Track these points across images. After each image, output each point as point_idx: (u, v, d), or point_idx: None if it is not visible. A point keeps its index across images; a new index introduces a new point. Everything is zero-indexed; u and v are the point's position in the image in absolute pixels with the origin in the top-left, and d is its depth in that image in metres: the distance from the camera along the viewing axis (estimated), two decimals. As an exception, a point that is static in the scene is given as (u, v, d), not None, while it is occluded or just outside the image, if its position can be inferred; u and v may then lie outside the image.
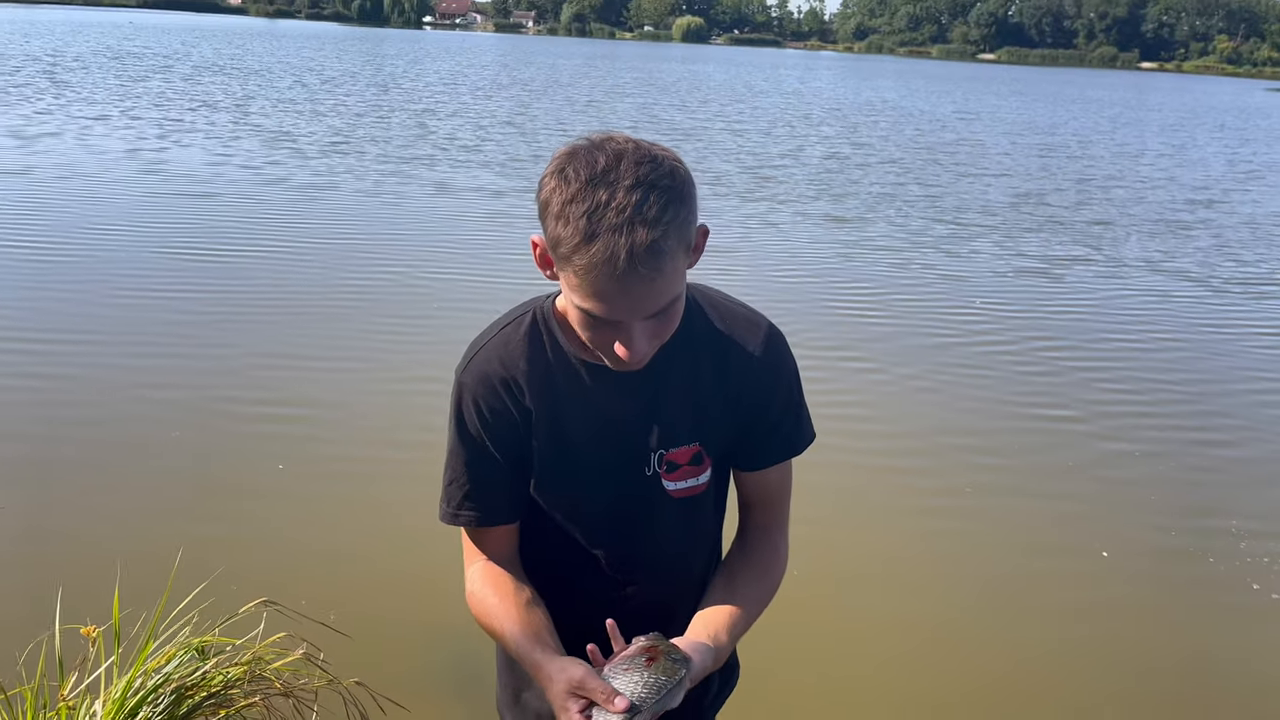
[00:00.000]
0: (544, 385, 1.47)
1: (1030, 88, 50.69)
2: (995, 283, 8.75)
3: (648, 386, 1.47)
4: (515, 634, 1.44)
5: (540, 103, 24.61)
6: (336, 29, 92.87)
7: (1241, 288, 9.16)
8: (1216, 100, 48.84)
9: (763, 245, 9.69)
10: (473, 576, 1.53)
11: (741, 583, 1.54)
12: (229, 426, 4.84)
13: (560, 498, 1.52)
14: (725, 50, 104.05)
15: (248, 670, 2.52)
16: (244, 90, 22.50)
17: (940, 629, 3.63)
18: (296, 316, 6.59)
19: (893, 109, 29.86)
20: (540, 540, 1.56)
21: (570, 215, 1.24)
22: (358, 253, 8.41)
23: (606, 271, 1.23)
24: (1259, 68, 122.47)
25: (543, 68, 42.71)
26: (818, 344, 6.68)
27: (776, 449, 1.55)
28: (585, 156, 1.27)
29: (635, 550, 1.55)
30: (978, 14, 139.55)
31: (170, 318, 6.36)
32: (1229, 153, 22.26)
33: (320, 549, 3.85)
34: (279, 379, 5.49)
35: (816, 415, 1.62)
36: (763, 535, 1.59)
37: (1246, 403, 6.16)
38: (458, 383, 1.49)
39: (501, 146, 15.80)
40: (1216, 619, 3.79)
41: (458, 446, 1.50)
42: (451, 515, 1.52)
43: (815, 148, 18.32)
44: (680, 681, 1.35)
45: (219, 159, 12.70)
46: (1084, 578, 4.03)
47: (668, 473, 1.50)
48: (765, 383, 1.51)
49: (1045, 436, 5.41)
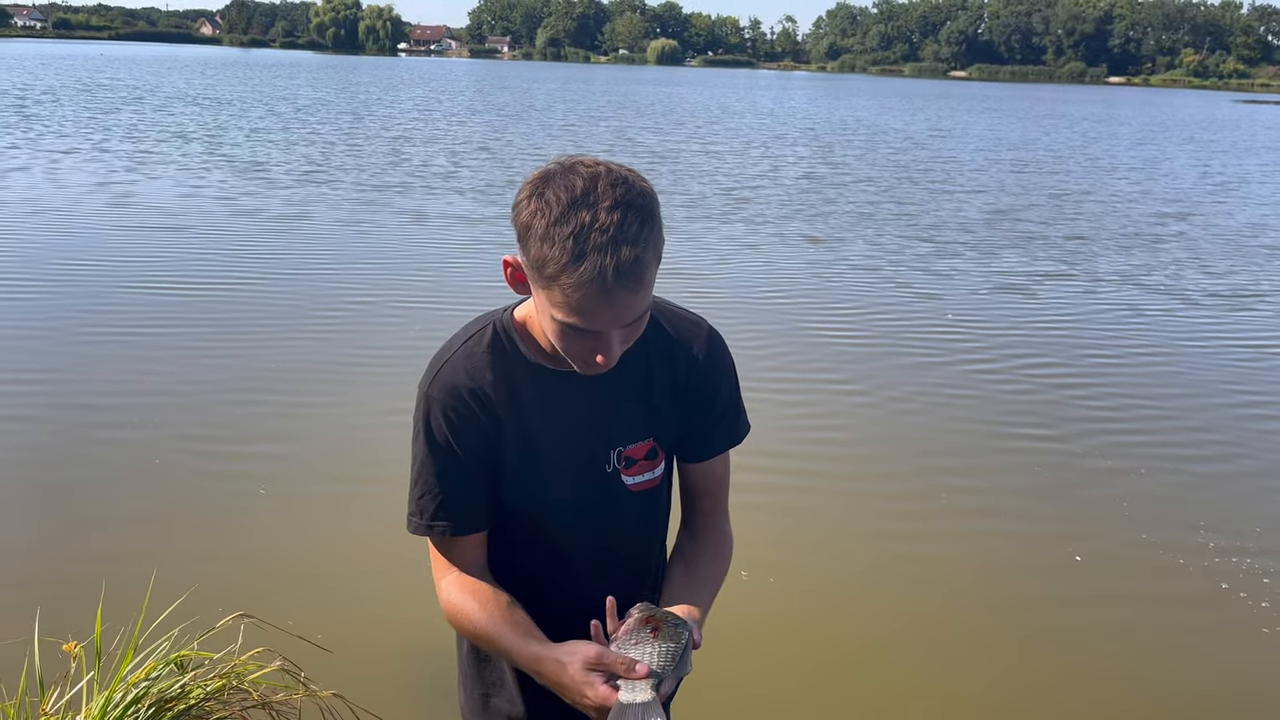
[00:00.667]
0: (509, 393, 1.52)
1: (1002, 104, 51.22)
2: (972, 300, 8.74)
3: (605, 388, 1.54)
4: (505, 634, 1.48)
5: (515, 128, 24.64)
6: (311, 57, 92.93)
7: (1215, 299, 9.18)
8: (1184, 114, 49.45)
9: (740, 267, 9.65)
10: (448, 587, 1.56)
11: (699, 567, 1.63)
12: (199, 464, 4.77)
13: (526, 500, 1.57)
14: (699, 72, 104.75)
15: (226, 683, 2.56)
16: (216, 121, 22.43)
17: (916, 647, 3.61)
18: (271, 349, 6.48)
19: (867, 127, 30.05)
20: (507, 544, 1.61)
21: (556, 237, 1.30)
22: (333, 283, 8.31)
23: (596, 288, 1.31)
24: (1225, 80, 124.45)
25: (517, 92, 42.81)
26: (795, 364, 6.64)
27: (721, 439, 1.65)
28: (561, 180, 1.33)
29: (599, 545, 1.62)
30: (948, 32, 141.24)
31: (139, 354, 6.24)
32: (1200, 165, 22.43)
33: (298, 566, 3.89)
34: (251, 414, 5.40)
35: (797, 438, 1.59)
36: (711, 522, 1.68)
37: (1225, 416, 6.15)
38: (425, 396, 1.53)
39: (476, 173, 15.76)
40: (1199, 634, 3.79)
41: (427, 458, 1.53)
42: (426, 527, 1.55)
43: (791, 168, 18.38)
44: (687, 645, 1.40)
45: (190, 191, 12.59)
46: (1064, 592, 4.02)
47: (626, 468, 1.59)
48: (710, 379, 1.62)
49: (1023, 456, 5.38)
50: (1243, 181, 19.60)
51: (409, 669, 3.29)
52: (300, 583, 3.76)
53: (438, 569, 1.58)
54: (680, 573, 1.62)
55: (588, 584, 1.61)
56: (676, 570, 1.63)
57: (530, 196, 1.34)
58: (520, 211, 1.35)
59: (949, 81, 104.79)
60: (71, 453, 4.82)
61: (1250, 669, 3.58)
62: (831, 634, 3.67)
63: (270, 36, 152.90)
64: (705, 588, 1.61)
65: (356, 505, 4.43)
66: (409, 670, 3.28)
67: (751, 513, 4.26)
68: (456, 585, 1.55)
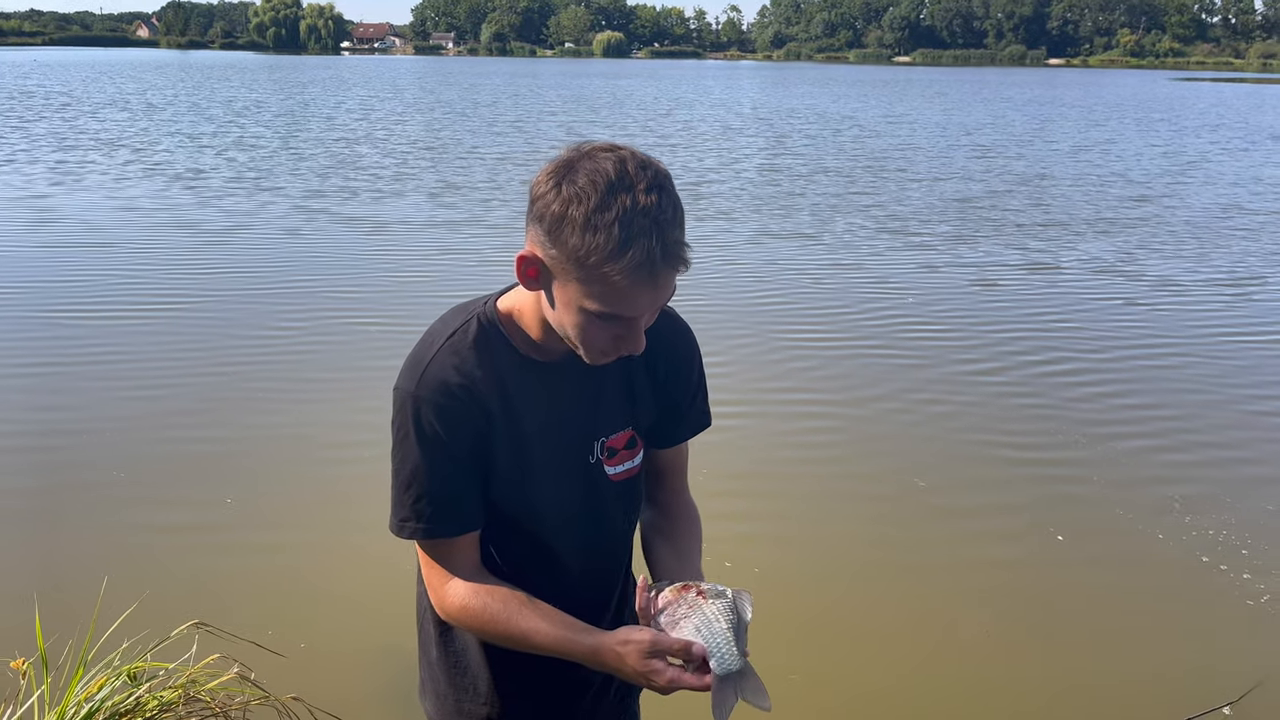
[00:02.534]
0: (498, 388, 1.49)
1: (949, 89, 51.44)
2: (948, 290, 8.45)
3: (591, 379, 1.54)
4: (548, 630, 1.46)
5: (462, 125, 24.03)
6: (252, 58, 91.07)
7: (1207, 285, 8.99)
8: (1127, 93, 50.00)
9: (704, 264, 9.24)
10: (458, 592, 1.51)
11: (682, 540, 1.67)
12: (141, 489, 4.42)
13: (513, 495, 1.54)
14: (647, 64, 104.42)
15: (182, 693, 2.54)
16: (149, 127, 21.53)
17: (903, 636, 3.57)
18: (211, 369, 5.97)
19: (820, 116, 29.85)
20: (494, 539, 1.57)
21: (599, 224, 1.28)
22: (274, 300, 7.76)
23: (645, 273, 1.30)
24: (1161, 59, 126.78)
25: (464, 89, 42.06)
26: (766, 365, 6.26)
27: (694, 424, 1.69)
28: (588, 166, 1.31)
29: (583, 536, 1.61)
30: (890, 18, 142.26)
31: (72, 385, 5.69)
32: (1158, 146, 22.40)
33: (251, 573, 3.84)
34: (196, 423, 5.05)
35: (774, 441, 1.29)
36: (679, 498, 1.72)
37: (1197, 396, 6.01)
38: (412, 396, 1.47)
39: (424, 176, 15.18)
40: (1184, 609, 3.84)
41: (417, 460, 1.47)
42: (424, 531, 1.49)
43: (749, 160, 18.04)
44: (736, 594, 1.41)
45: (119, 204, 11.88)
46: (1039, 559, 4.15)
47: (608, 458, 1.59)
48: (685, 366, 1.64)
49: (998, 436, 5.32)
50: (1204, 160, 19.59)
51: (367, 669, 3.26)
52: (254, 589, 3.72)
53: (435, 574, 1.53)
54: (667, 549, 1.64)
55: (572, 575, 1.61)
56: (661, 548, 1.65)
57: (557, 186, 1.31)
58: (549, 203, 1.32)
59: (893, 67, 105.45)
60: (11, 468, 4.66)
61: (1237, 641, 3.62)
62: (814, 635, 3.59)
63: (209, 38, 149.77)
64: (695, 558, 1.64)
65: (307, 510, 4.35)
66: (367, 671, 3.26)
67: (739, 523, 4.01)
68: (470, 590, 1.50)
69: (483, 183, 14.47)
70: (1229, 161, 19.46)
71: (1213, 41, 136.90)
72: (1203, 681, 3.33)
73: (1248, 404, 6.01)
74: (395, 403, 1.49)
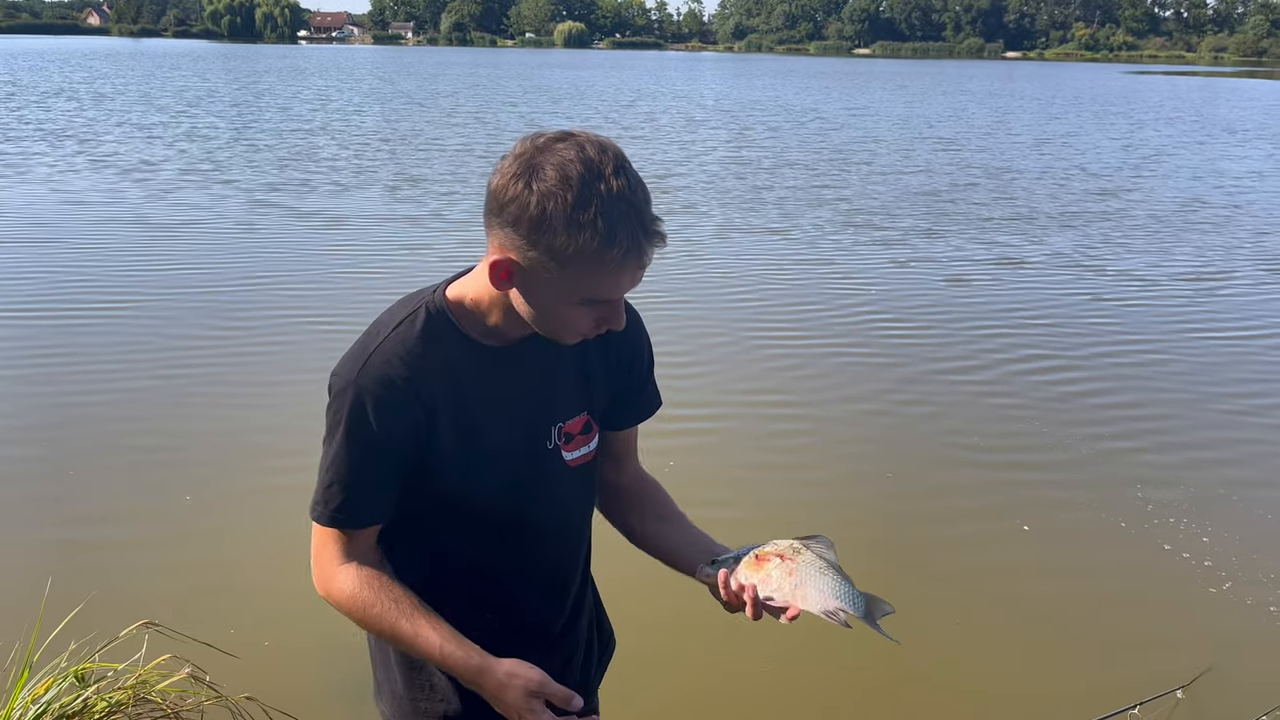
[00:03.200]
0: (448, 378, 1.46)
1: (909, 81, 51.69)
2: (905, 284, 8.39)
3: (546, 364, 1.53)
4: (436, 638, 1.45)
5: (421, 115, 23.65)
6: (206, 47, 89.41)
7: (1173, 279, 9.00)
8: (1083, 86, 50.51)
9: (672, 261, 9.09)
10: (350, 579, 1.50)
11: (675, 516, 1.70)
12: (90, 479, 4.35)
13: (467, 485, 1.51)
14: (608, 54, 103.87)
15: (132, 694, 2.51)
16: (98, 117, 20.93)
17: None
18: (159, 370, 5.73)
19: (784, 108, 29.79)
20: (450, 530, 1.55)
21: (583, 220, 1.28)
22: (230, 297, 7.48)
23: (634, 258, 1.32)
24: (1115, 52, 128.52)
25: (423, 79, 41.50)
26: (739, 365, 6.13)
27: (649, 405, 1.71)
28: (551, 160, 1.30)
29: (543, 523, 1.59)
30: (850, 10, 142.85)
31: (13, 389, 5.44)
32: (1117, 139, 22.57)
33: (201, 571, 3.78)
34: (134, 429, 4.83)
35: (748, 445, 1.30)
36: (638, 473, 1.76)
37: (1157, 386, 6.16)
38: (352, 385, 1.44)
39: (381, 169, 14.86)
40: (1147, 596, 3.92)
41: (344, 448, 1.45)
42: (329, 516, 1.49)
43: (715, 153, 17.88)
44: (812, 543, 1.47)
45: (64, 197, 11.48)
46: (1004, 545, 4.23)
47: (565, 444, 1.57)
48: (638, 350, 1.65)
49: (959, 427, 5.27)
50: (1163, 153, 19.75)
51: (322, 668, 3.20)
52: (204, 588, 3.66)
53: (327, 558, 1.51)
54: (672, 530, 1.67)
55: (531, 562, 1.59)
56: (665, 530, 1.67)
57: (527, 186, 1.30)
58: (523, 205, 1.30)
59: (854, 59, 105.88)
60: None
61: (1190, 626, 3.70)
62: (788, 634, 3.53)
63: (162, 26, 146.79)
64: (694, 526, 1.68)
65: (257, 510, 4.26)
66: (322, 669, 3.20)
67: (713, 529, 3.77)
68: (361, 578, 1.49)
69: (444, 175, 14.21)
70: (1188, 154, 19.64)
71: (1165, 35, 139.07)
72: (1157, 666, 3.39)
73: (1214, 401, 6.00)
74: (334, 389, 1.47)
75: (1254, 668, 3.46)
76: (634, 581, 2.52)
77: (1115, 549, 4.21)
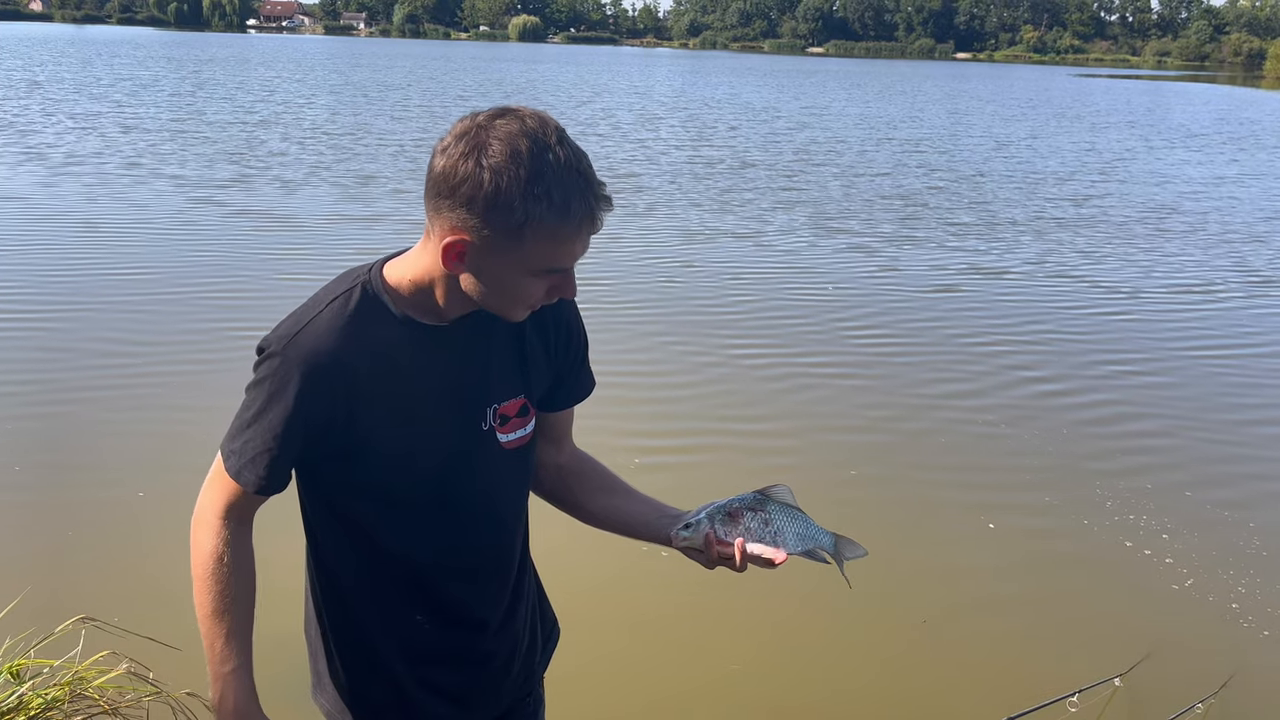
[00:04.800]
0: (380, 357, 1.45)
1: (864, 80, 52.00)
2: (877, 289, 8.26)
3: (482, 343, 1.52)
4: (235, 626, 1.49)
5: (372, 110, 23.17)
6: (151, 34, 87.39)
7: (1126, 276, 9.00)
8: (1037, 87, 51.13)
9: (630, 263, 8.89)
10: (224, 537, 1.50)
11: (621, 488, 1.72)
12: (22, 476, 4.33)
13: (399, 468, 1.49)
14: (563, 49, 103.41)
15: (69, 690, 2.47)
16: (30, 106, 20.12)
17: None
18: (94, 367, 5.38)
19: (744, 106, 29.71)
20: (385, 515, 1.52)
21: (537, 193, 1.30)
22: (162, 305, 7.05)
23: (587, 225, 1.36)
24: (1062, 55, 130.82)
25: (376, 70, 40.80)
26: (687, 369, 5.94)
27: (585, 386, 1.72)
28: (496, 136, 1.31)
29: (479, 506, 1.56)
30: (804, 9, 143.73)
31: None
32: (1079, 141, 22.70)
33: (138, 565, 3.72)
34: (75, 417, 4.55)
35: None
36: (576, 452, 1.76)
37: (1111, 381, 6.29)
38: (280, 354, 1.43)
39: (334, 164, 14.41)
40: (1112, 595, 3.96)
41: (263, 411, 1.44)
42: (237, 469, 1.48)
43: (677, 152, 17.64)
44: (771, 492, 1.58)
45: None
46: (973, 548, 4.23)
47: (500, 426, 1.55)
48: (575, 331, 1.65)
49: (928, 424, 5.44)
50: (1129, 157, 19.84)
51: (265, 659, 2.91)
52: (142, 582, 3.60)
53: (218, 500, 1.50)
54: (623, 501, 1.70)
55: (467, 547, 1.57)
56: (616, 502, 1.70)
57: (477, 164, 1.31)
58: (476, 183, 1.31)
59: (808, 58, 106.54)
60: None
61: (1140, 616, 3.76)
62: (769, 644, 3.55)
63: (106, 12, 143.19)
64: (643, 494, 1.71)
65: (189, 500, 3.88)
66: (265, 660, 2.91)
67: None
68: (235, 541, 1.50)
69: (400, 173, 13.83)
70: (1152, 159, 19.75)
71: (1110, 39, 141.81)
72: (1095, 655, 3.43)
73: (1196, 406, 6.00)
74: (263, 352, 1.45)
75: (1191, 656, 3.51)
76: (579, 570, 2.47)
77: (1063, 541, 4.30)
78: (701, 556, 1.56)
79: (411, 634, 1.57)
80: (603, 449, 1.88)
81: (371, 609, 1.57)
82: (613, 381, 5.56)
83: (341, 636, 1.62)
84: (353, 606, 1.58)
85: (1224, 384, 6.53)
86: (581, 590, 3.49)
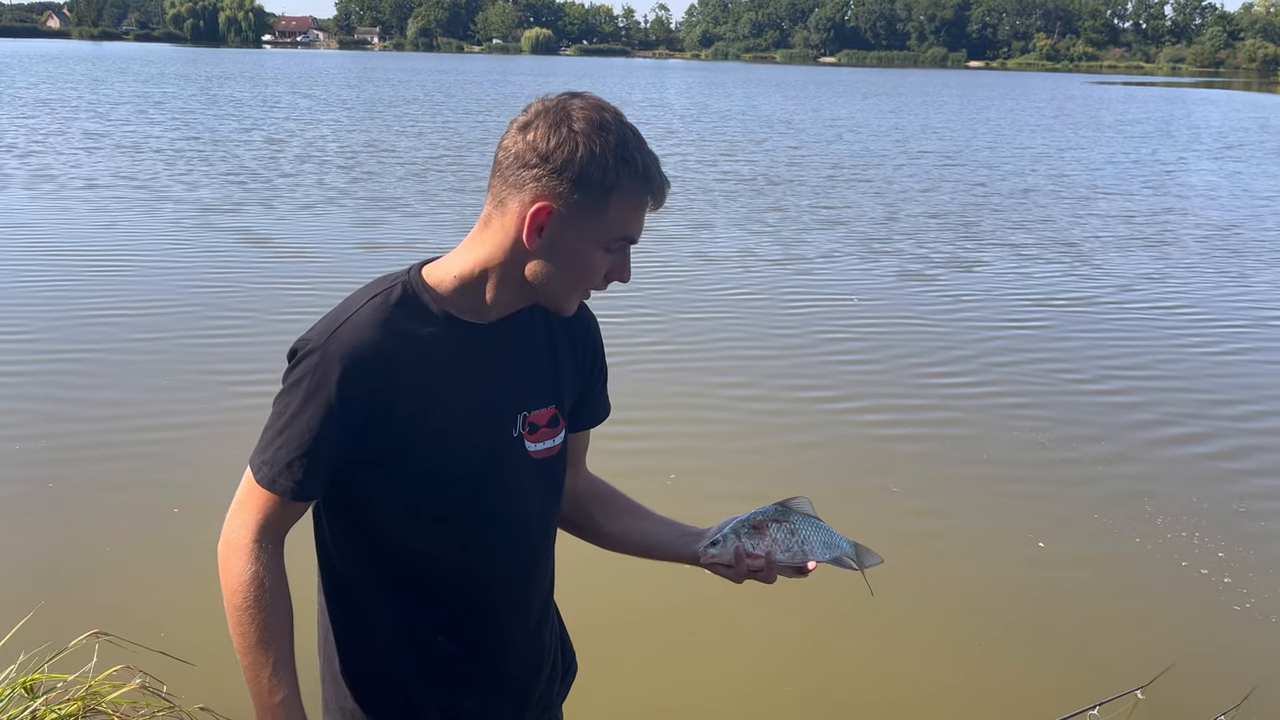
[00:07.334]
0: (419, 355, 1.45)
1: (878, 89, 51.87)
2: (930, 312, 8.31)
3: (519, 348, 1.53)
4: (280, 656, 1.44)
5: (392, 127, 23.33)
6: (168, 50, 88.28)
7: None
8: (1059, 96, 50.71)
9: (695, 283, 8.80)
10: (259, 560, 1.44)
11: (627, 503, 1.73)
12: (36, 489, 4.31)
13: (429, 468, 1.48)
14: (576, 61, 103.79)
15: (82, 705, 2.46)
16: (38, 125, 20.16)
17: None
18: (108, 390, 5.42)
19: (766, 119, 29.66)
20: (406, 530, 1.50)
21: (625, 156, 1.38)
22: (163, 352, 6.48)
23: (660, 197, 1.43)
24: (1075, 63, 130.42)
25: (394, 85, 41.05)
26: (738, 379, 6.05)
27: (604, 409, 1.73)
28: (574, 112, 1.39)
29: (506, 513, 1.54)
30: (816, 19, 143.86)
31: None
32: (1124, 154, 22.08)
33: (152, 579, 3.71)
34: (90, 430, 4.56)
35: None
36: (590, 476, 1.76)
37: (1172, 398, 6.25)
38: (320, 350, 1.41)
39: (355, 186, 14.49)
40: (1104, 582, 4.05)
41: (300, 411, 1.41)
42: (271, 478, 1.43)
43: (711, 167, 17.41)
44: (794, 504, 1.60)
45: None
46: (1024, 565, 4.21)
47: (530, 434, 1.54)
48: (600, 355, 1.68)
49: (912, 427, 5.52)
50: (1181, 169, 19.38)
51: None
52: (156, 596, 3.57)
53: (250, 519, 1.45)
54: (645, 523, 1.69)
55: (493, 560, 1.54)
56: (639, 524, 1.70)
57: (570, 133, 1.37)
58: (572, 148, 1.36)
59: (820, 68, 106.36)
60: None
61: (1189, 638, 3.73)
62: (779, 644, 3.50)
63: (123, 29, 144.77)
64: (662, 515, 1.71)
65: (205, 514, 4.02)
66: None
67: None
68: (269, 567, 1.44)
69: (448, 192, 13.76)
70: (1207, 172, 19.14)
71: (1124, 46, 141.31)
72: (1117, 667, 3.43)
73: (1228, 408, 6.12)
74: (299, 352, 1.43)
75: (1214, 669, 3.50)
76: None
77: (1077, 547, 4.31)
78: (730, 572, 1.57)
79: (432, 655, 1.53)
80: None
81: (389, 629, 1.53)
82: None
83: (356, 657, 1.57)
84: (370, 627, 1.54)
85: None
86: (599, 619, 3.36)
